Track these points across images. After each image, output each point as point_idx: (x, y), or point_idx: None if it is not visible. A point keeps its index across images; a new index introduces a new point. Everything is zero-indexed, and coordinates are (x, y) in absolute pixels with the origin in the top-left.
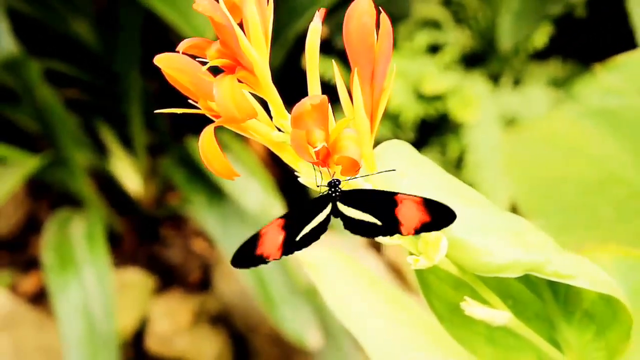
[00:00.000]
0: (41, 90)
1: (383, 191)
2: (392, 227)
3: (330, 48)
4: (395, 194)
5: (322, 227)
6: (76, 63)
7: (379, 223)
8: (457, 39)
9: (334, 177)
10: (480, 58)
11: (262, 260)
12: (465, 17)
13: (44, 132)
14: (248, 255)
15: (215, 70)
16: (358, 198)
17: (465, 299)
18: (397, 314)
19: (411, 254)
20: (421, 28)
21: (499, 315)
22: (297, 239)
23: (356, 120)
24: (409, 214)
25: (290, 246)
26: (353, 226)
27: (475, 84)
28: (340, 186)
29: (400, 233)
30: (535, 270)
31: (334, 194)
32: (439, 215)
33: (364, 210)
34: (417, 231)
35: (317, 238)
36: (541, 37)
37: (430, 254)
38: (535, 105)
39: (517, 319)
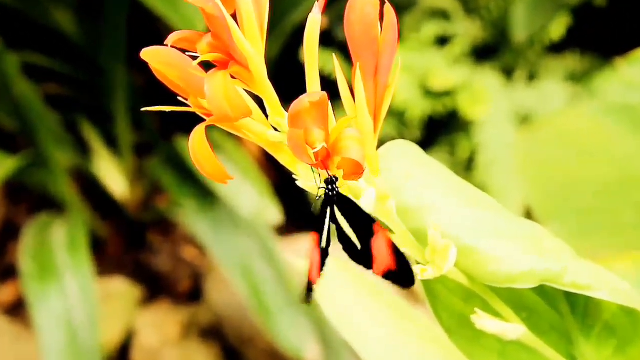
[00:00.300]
0: (19, 85)
1: (366, 213)
2: (367, 258)
3: (331, 40)
4: (374, 221)
5: (327, 242)
6: (57, 56)
7: (359, 247)
8: (467, 30)
9: (331, 175)
10: (492, 50)
11: (311, 286)
12: (476, 6)
13: (22, 130)
14: (310, 288)
15: (206, 66)
16: (349, 209)
17: (475, 312)
18: (401, 327)
19: (418, 263)
20: (429, 18)
21: (512, 328)
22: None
23: (358, 119)
24: (381, 253)
25: (324, 262)
26: (344, 242)
27: (487, 78)
28: (337, 184)
29: (372, 270)
30: (551, 281)
31: (330, 192)
32: (401, 269)
33: (351, 226)
34: (384, 276)
35: (328, 254)
36: (558, 28)
37: (438, 263)
38: (551, 101)
39: (531, 333)
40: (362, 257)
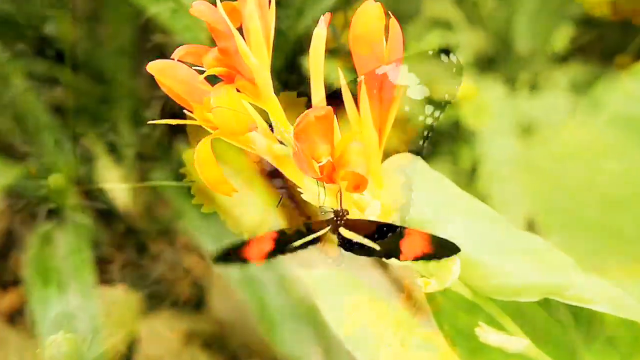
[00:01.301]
0: (22, 93)
1: (392, 225)
2: (392, 253)
3: (335, 48)
4: (404, 228)
5: (314, 240)
6: (61, 64)
7: (378, 248)
8: (470, 41)
9: (343, 209)
10: (495, 61)
11: (245, 260)
12: (479, 16)
13: (25, 139)
14: (233, 255)
15: (212, 79)
16: (364, 227)
17: (479, 325)
18: (401, 335)
19: (422, 275)
20: (432, 28)
21: (516, 341)
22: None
23: (364, 133)
24: (413, 245)
25: (275, 255)
26: (348, 246)
27: (490, 88)
28: (347, 217)
29: (398, 259)
30: (554, 294)
31: (338, 221)
32: (442, 248)
33: (366, 237)
34: (417, 259)
35: (306, 247)
36: (561, 38)
37: (442, 277)
38: (554, 111)
39: (535, 346)
40: (380, 253)
